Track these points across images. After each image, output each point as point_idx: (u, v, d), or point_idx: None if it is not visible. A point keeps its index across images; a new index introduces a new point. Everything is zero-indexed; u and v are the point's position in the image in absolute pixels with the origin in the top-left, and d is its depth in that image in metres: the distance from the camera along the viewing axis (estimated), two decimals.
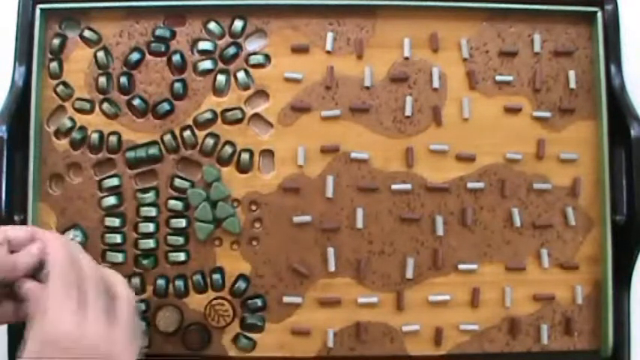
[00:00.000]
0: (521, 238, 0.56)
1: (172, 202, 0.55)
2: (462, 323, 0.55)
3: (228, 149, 0.55)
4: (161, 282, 0.55)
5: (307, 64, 0.56)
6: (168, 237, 0.55)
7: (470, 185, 0.56)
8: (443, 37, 0.56)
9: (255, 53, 0.56)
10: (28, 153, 0.54)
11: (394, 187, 0.55)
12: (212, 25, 0.56)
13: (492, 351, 0.56)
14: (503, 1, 0.56)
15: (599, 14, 0.56)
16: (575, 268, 0.56)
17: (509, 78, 0.56)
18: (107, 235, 0.55)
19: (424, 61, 0.56)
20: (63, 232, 0.54)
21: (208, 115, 0.55)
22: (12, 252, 0.42)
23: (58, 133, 0.55)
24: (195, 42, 0.56)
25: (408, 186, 0.55)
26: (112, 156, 0.55)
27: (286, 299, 0.55)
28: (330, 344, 0.55)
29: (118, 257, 0.54)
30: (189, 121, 0.55)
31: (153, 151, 0.55)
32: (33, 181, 0.54)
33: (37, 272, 0.42)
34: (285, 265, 0.55)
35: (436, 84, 0.56)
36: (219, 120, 0.55)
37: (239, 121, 0.55)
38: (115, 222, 0.55)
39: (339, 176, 0.55)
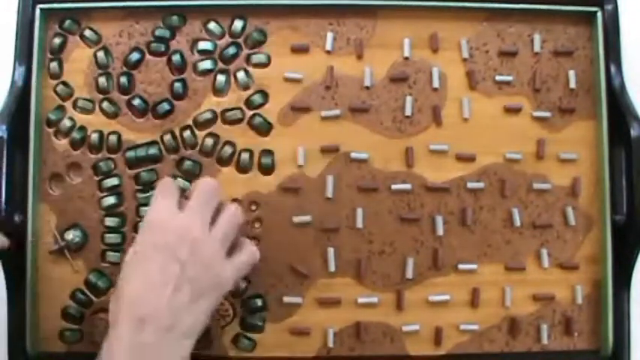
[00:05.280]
0: (521, 238, 0.56)
1: None
2: (462, 323, 0.55)
3: (228, 149, 0.55)
4: None
5: (307, 64, 0.56)
6: None
7: (470, 185, 0.56)
8: (443, 37, 0.56)
9: (255, 53, 0.56)
10: (28, 153, 0.54)
11: (394, 187, 0.55)
12: (212, 25, 0.56)
13: (492, 351, 0.55)
14: (503, 1, 0.56)
15: (599, 14, 0.56)
16: (575, 268, 0.56)
17: (509, 78, 0.56)
18: (107, 235, 0.55)
19: (424, 61, 0.56)
20: (63, 232, 0.54)
21: (208, 115, 0.55)
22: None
23: (58, 133, 0.55)
24: (195, 42, 0.56)
25: (408, 186, 0.55)
26: (112, 156, 0.55)
27: (286, 299, 0.55)
28: (330, 344, 0.55)
29: (118, 257, 0.54)
30: (189, 121, 0.55)
31: (153, 151, 0.55)
32: (33, 181, 0.54)
33: None
34: (285, 265, 0.55)
35: (436, 84, 0.56)
36: (219, 120, 0.55)
37: (239, 121, 0.55)
38: (115, 222, 0.55)
39: (339, 176, 0.55)
